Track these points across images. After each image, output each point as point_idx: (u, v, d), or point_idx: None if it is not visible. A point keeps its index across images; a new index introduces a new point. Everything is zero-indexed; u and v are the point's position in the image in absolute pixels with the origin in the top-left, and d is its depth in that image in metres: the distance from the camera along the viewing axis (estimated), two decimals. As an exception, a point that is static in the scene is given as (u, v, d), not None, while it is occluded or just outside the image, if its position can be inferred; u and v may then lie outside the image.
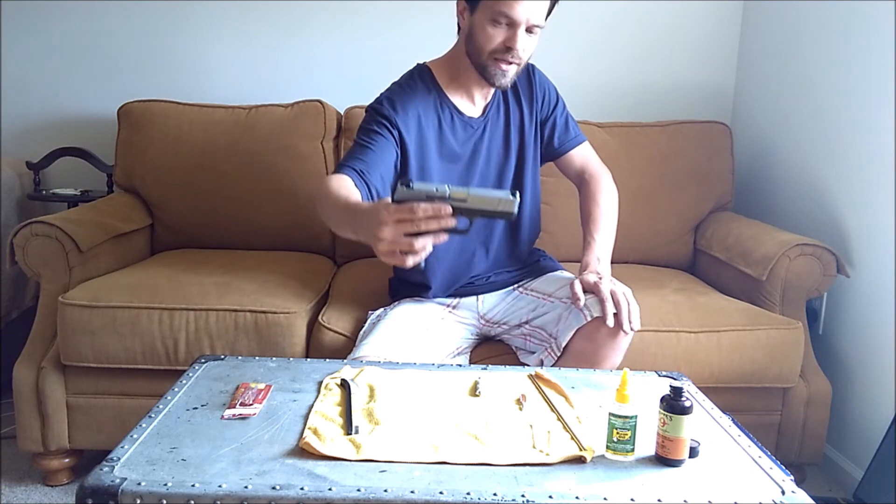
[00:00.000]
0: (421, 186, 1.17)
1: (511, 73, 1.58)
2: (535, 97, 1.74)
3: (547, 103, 1.76)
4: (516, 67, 1.59)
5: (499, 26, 1.54)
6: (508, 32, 1.54)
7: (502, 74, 1.58)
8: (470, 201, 1.17)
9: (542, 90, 1.75)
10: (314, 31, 2.64)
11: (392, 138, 1.58)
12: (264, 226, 2.37)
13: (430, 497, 0.94)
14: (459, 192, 1.17)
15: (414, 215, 1.12)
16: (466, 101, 1.69)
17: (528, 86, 1.74)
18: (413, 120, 1.61)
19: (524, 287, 1.78)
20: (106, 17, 2.60)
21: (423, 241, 1.14)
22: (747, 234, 2.16)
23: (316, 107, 2.42)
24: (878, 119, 1.93)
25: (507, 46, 1.54)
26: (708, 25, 2.67)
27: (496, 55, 1.56)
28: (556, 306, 1.65)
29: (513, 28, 1.53)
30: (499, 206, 1.18)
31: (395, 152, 1.58)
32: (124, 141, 2.39)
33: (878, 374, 1.92)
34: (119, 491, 0.93)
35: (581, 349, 1.54)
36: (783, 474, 1.05)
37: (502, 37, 1.54)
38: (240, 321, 1.82)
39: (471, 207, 1.18)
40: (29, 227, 1.89)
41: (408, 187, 1.17)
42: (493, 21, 1.54)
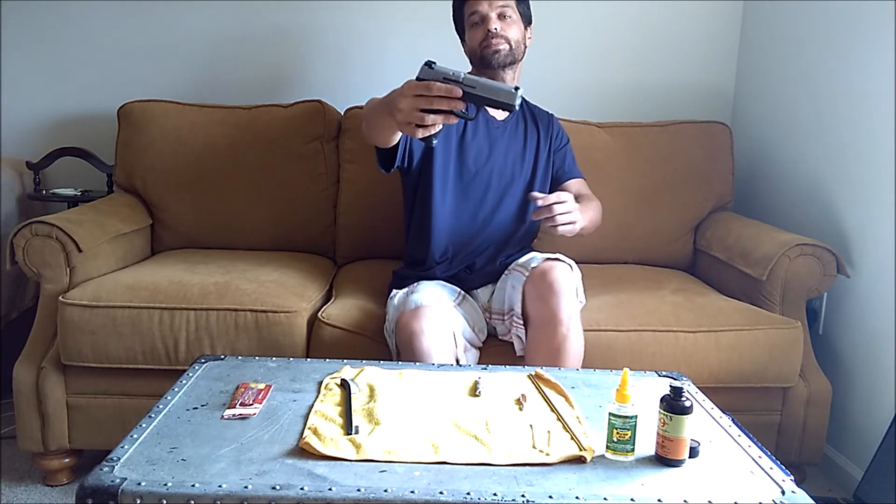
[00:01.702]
0: (440, 68, 1.33)
1: (502, 48, 1.84)
2: (552, 132, 2.01)
3: (558, 140, 2.03)
4: (507, 46, 1.85)
5: (476, 26, 1.87)
6: (484, 25, 1.86)
7: (495, 52, 1.84)
8: (478, 88, 1.31)
9: (556, 130, 2.04)
10: (314, 31, 2.64)
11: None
12: (264, 226, 2.36)
13: (430, 497, 0.94)
14: (471, 78, 1.31)
15: (429, 91, 1.30)
16: None
17: (547, 123, 2.01)
18: None
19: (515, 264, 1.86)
20: (106, 17, 2.60)
21: (433, 117, 1.32)
22: (747, 234, 2.16)
23: (316, 107, 2.42)
24: (878, 119, 1.93)
25: (486, 33, 1.85)
26: (708, 25, 2.67)
27: (483, 44, 1.86)
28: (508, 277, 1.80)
29: (485, 20, 1.86)
30: (501, 97, 1.31)
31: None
32: (124, 141, 2.39)
33: (878, 374, 1.92)
34: (119, 491, 0.93)
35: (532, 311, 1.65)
36: (783, 474, 1.05)
37: (481, 30, 1.87)
38: (240, 321, 1.82)
39: (478, 94, 1.31)
40: (29, 227, 1.89)
41: (430, 67, 1.33)
42: (472, 23, 1.89)
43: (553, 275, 1.64)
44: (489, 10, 1.86)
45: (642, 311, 1.89)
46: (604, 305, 1.89)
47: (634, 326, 1.83)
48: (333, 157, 2.41)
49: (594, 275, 2.13)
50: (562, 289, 1.62)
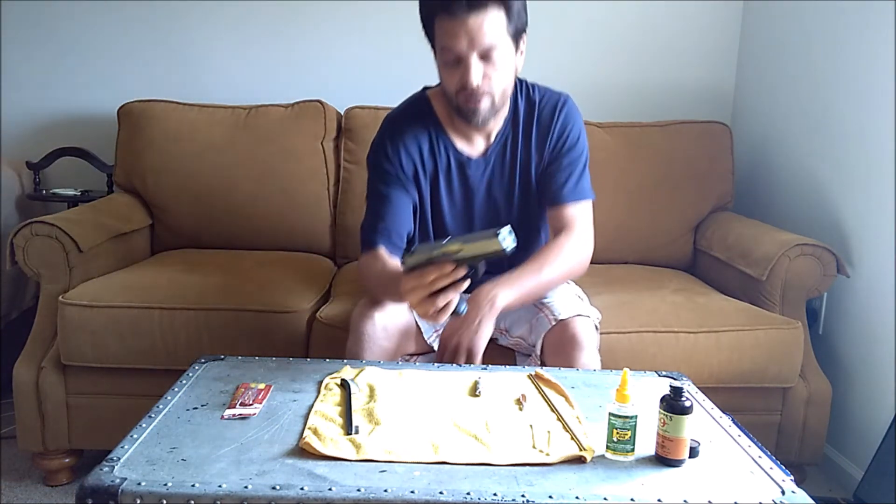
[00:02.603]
0: (421, 250, 1.28)
1: (483, 107, 1.48)
2: (551, 135, 1.60)
3: (560, 145, 1.60)
4: (489, 101, 1.48)
5: (452, 65, 1.46)
6: (461, 67, 1.44)
7: (473, 112, 1.49)
8: (464, 251, 1.25)
9: (561, 129, 1.60)
10: (314, 31, 2.64)
11: (403, 191, 1.58)
12: (264, 226, 2.36)
13: (430, 497, 0.94)
14: (453, 245, 1.25)
15: (423, 281, 1.26)
16: (464, 137, 1.60)
17: (548, 122, 1.60)
18: (412, 167, 1.58)
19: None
20: (106, 16, 2.60)
21: (443, 298, 1.27)
22: (747, 234, 2.16)
23: (316, 107, 2.42)
24: (879, 119, 1.93)
25: (463, 84, 1.45)
26: (708, 25, 2.67)
27: (460, 94, 1.48)
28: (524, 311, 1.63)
29: (463, 62, 1.43)
30: (488, 248, 1.24)
31: (412, 201, 1.59)
32: (124, 141, 2.39)
33: (878, 374, 1.92)
34: (119, 491, 0.93)
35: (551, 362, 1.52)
36: (783, 474, 1.05)
37: (458, 75, 1.45)
38: (240, 321, 1.82)
39: (467, 256, 1.25)
40: (29, 227, 1.89)
41: (410, 254, 1.29)
42: (445, 61, 1.46)
43: (574, 329, 1.51)
44: (469, 49, 1.42)
45: (643, 311, 1.89)
46: (604, 306, 1.88)
47: (635, 327, 1.83)
48: (333, 157, 2.41)
49: (594, 274, 2.12)
50: (582, 343, 1.50)
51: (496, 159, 1.61)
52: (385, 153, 1.57)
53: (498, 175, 1.62)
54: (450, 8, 1.41)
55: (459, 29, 1.40)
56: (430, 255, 1.26)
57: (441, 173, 1.60)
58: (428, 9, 1.47)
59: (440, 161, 1.59)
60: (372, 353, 1.49)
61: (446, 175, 1.60)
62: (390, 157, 1.56)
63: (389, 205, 1.56)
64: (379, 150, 1.59)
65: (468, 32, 1.40)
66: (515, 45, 1.49)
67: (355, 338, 1.50)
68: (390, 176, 1.56)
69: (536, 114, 1.60)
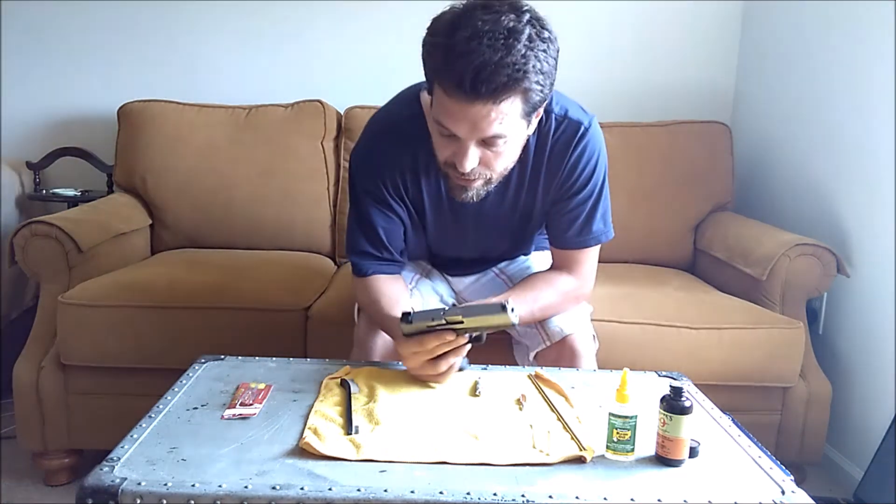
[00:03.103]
0: (420, 318, 1.22)
1: (474, 187, 1.29)
2: (562, 172, 1.39)
3: (570, 184, 1.40)
4: (482, 182, 1.28)
5: (445, 137, 1.23)
6: (455, 146, 1.23)
7: (463, 190, 1.29)
8: (466, 323, 1.20)
9: (573, 167, 1.39)
10: (314, 31, 2.64)
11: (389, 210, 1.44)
12: (264, 226, 2.36)
13: (430, 497, 0.93)
14: (455, 316, 1.20)
15: (424, 348, 1.20)
16: None
17: (561, 156, 1.38)
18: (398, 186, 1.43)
19: (500, 270, 1.69)
20: (106, 17, 2.60)
21: (445, 363, 1.23)
22: (747, 234, 2.16)
23: (316, 107, 2.42)
24: (878, 119, 1.93)
25: (454, 164, 1.24)
26: (708, 25, 2.67)
27: (449, 168, 1.27)
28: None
29: (459, 142, 1.21)
30: (495, 322, 1.21)
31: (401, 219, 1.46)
32: (124, 141, 2.40)
33: (878, 374, 1.92)
34: (119, 491, 0.92)
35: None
36: (783, 474, 1.04)
37: (450, 149, 1.24)
38: (240, 321, 1.82)
39: (469, 328, 1.20)
40: (29, 227, 1.89)
41: (408, 323, 1.23)
42: (439, 131, 1.23)
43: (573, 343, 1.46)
44: (468, 136, 1.19)
45: (646, 304, 1.89)
46: (607, 297, 1.88)
47: (637, 319, 1.82)
48: (333, 157, 2.41)
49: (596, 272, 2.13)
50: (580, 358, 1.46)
51: (494, 195, 1.40)
52: (370, 168, 1.41)
53: (494, 207, 1.45)
54: (455, 87, 1.14)
55: (459, 113, 1.17)
56: (430, 323, 1.21)
57: (429, 196, 1.44)
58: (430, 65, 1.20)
59: (429, 184, 1.43)
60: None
61: (435, 199, 1.44)
62: (376, 174, 1.41)
63: (377, 226, 1.43)
64: (363, 164, 1.43)
65: (470, 120, 1.17)
66: (528, 121, 1.24)
67: (362, 354, 1.49)
68: (376, 194, 1.42)
69: (549, 147, 1.38)
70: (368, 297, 1.45)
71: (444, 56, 1.14)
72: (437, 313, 1.21)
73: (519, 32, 1.12)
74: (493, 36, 1.11)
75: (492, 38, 1.11)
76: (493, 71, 1.11)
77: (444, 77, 1.16)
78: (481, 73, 1.11)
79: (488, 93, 1.13)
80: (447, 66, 1.14)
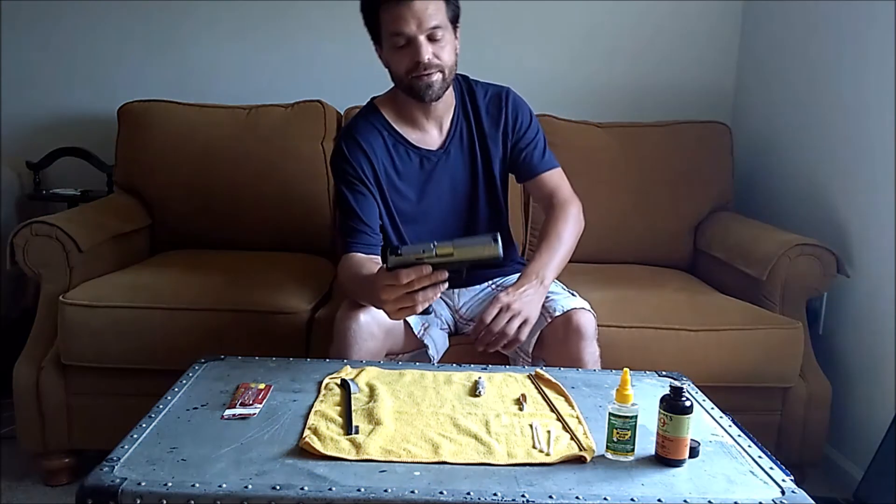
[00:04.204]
0: (409, 250, 1.24)
1: (436, 82, 1.58)
2: (507, 122, 1.71)
3: (519, 128, 1.72)
4: (440, 75, 1.58)
5: (401, 48, 1.56)
6: (411, 49, 1.55)
7: (427, 86, 1.58)
8: (456, 254, 1.24)
9: (513, 115, 1.72)
10: (314, 31, 2.64)
11: (366, 191, 1.63)
12: (264, 226, 2.36)
13: (430, 497, 0.94)
14: (445, 248, 1.23)
15: (399, 281, 1.23)
16: (418, 132, 1.68)
17: (498, 111, 1.71)
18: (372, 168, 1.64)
19: (496, 284, 1.77)
20: (106, 17, 2.60)
21: (423, 299, 1.25)
22: (747, 234, 2.16)
23: (316, 107, 2.42)
24: (878, 119, 1.93)
25: (416, 61, 1.55)
26: (708, 25, 2.67)
27: (412, 73, 1.57)
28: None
29: (412, 43, 1.54)
30: (484, 253, 1.24)
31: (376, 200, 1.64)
32: (124, 141, 2.39)
33: (878, 374, 1.92)
34: (119, 491, 0.93)
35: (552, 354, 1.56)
36: (783, 474, 1.05)
37: (408, 56, 1.56)
38: (240, 321, 1.82)
39: (458, 260, 1.24)
40: (29, 227, 1.89)
41: (396, 255, 1.24)
42: (394, 45, 1.57)
43: (578, 320, 1.55)
44: (417, 31, 1.53)
45: (644, 307, 1.89)
46: (605, 301, 1.88)
47: (636, 323, 1.83)
48: (333, 157, 2.40)
49: (595, 273, 2.13)
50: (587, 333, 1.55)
51: (455, 151, 1.69)
52: (344, 157, 1.63)
53: (460, 166, 1.69)
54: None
55: (406, 12, 1.52)
56: (419, 254, 1.23)
57: (401, 170, 1.66)
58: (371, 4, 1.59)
59: (397, 158, 1.66)
60: (357, 355, 1.48)
61: (407, 171, 1.66)
62: (349, 161, 1.63)
63: (357, 206, 1.60)
64: (338, 155, 1.65)
65: (415, 15, 1.52)
66: (454, 28, 1.60)
67: (340, 339, 1.50)
68: (352, 178, 1.62)
69: (484, 105, 1.71)
70: (350, 269, 1.55)
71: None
72: (426, 245, 1.24)
73: None
74: None
75: None
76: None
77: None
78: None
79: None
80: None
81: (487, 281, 1.78)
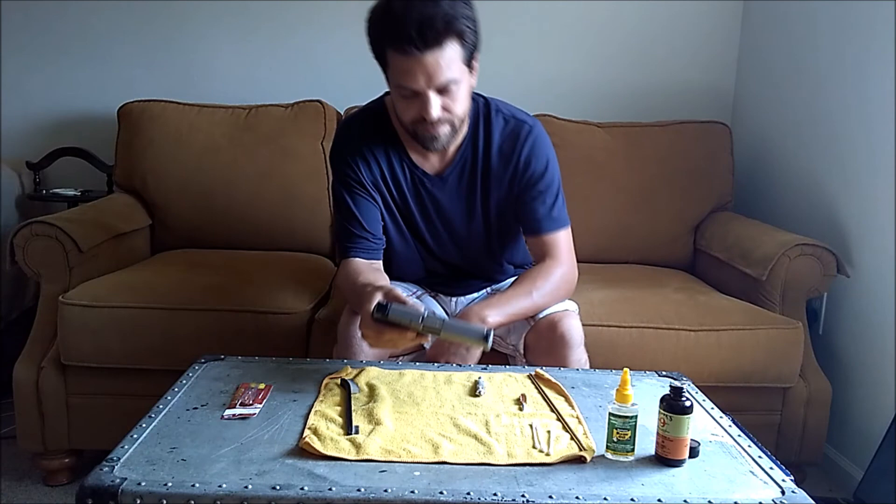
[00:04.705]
0: (396, 314, 1.21)
1: (443, 134, 1.45)
2: (517, 166, 1.55)
3: (529, 176, 1.55)
4: (449, 127, 1.44)
5: (407, 98, 1.41)
6: (418, 101, 1.40)
7: (433, 138, 1.45)
8: (443, 334, 1.21)
9: (525, 160, 1.54)
10: (314, 31, 2.64)
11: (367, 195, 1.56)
12: (264, 226, 2.36)
13: (430, 497, 0.94)
14: (434, 323, 1.20)
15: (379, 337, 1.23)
16: (419, 155, 1.56)
17: (511, 150, 1.55)
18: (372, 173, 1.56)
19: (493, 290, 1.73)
20: (105, 16, 2.60)
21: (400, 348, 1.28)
22: (747, 234, 2.16)
23: (316, 107, 2.42)
24: (878, 119, 1.93)
25: (423, 116, 1.41)
26: (708, 25, 2.67)
27: (417, 125, 1.44)
28: None
29: (420, 97, 1.38)
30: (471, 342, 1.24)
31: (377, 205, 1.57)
32: (124, 141, 2.40)
33: (878, 374, 1.92)
34: (119, 491, 0.93)
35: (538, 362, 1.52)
36: (783, 474, 1.05)
37: (415, 107, 1.41)
38: (240, 321, 1.82)
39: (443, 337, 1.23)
40: (29, 227, 1.89)
41: (383, 314, 1.21)
42: (400, 94, 1.42)
43: (564, 326, 1.51)
44: (427, 86, 1.36)
45: (644, 308, 1.89)
46: (606, 301, 1.88)
47: (636, 323, 1.83)
48: (333, 157, 2.41)
49: (595, 273, 2.13)
50: (573, 341, 1.50)
51: (454, 180, 1.57)
52: (343, 159, 1.55)
53: (454, 196, 1.58)
54: (402, 46, 1.33)
55: (416, 67, 1.35)
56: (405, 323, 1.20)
57: (398, 185, 1.56)
58: (377, 38, 1.41)
59: (397, 172, 1.56)
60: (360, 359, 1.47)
61: (403, 187, 1.57)
62: (349, 163, 1.54)
63: (357, 210, 1.54)
64: (336, 156, 1.58)
65: (425, 70, 1.35)
66: (470, 69, 1.43)
67: (343, 344, 1.50)
68: (352, 181, 1.54)
69: (499, 139, 1.55)
70: (347, 276, 1.49)
71: (388, 23, 1.36)
72: (415, 316, 1.20)
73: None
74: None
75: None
76: (431, 21, 1.32)
77: (394, 40, 1.35)
78: (423, 25, 1.32)
79: (433, 40, 1.33)
80: (394, 30, 1.34)
81: (484, 289, 1.74)
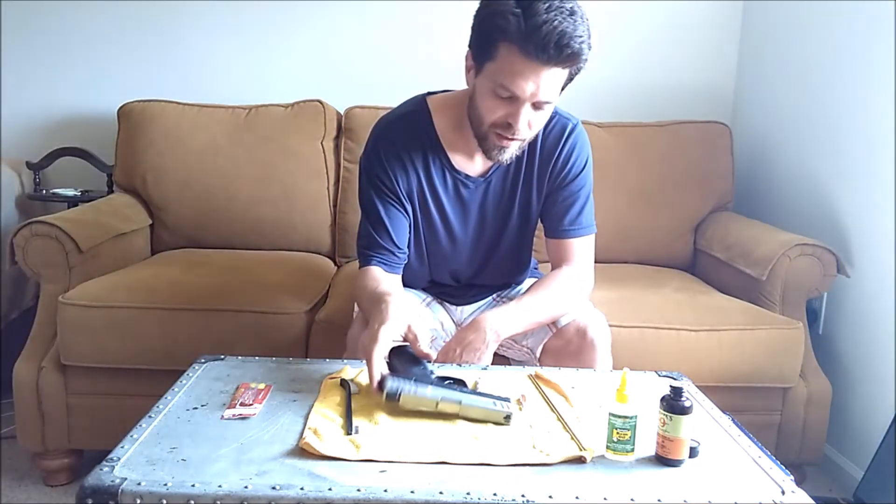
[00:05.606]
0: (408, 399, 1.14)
1: (512, 149, 1.40)
2: (554, 163, 1.50)
3: (566, 174, 1.51)
4: (519, 143, 1.40)
5: (502, 99, 1.33)
6: (511, 107, 1.33)
7: (501, 150, 1.39)
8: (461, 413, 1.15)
9: (566, 159, 1.50)
10: (314, 31, 2.64)
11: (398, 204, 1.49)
12: (264, 226, 2.36)
13: (430, 497, 0.93)
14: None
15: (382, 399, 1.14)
16: (464, 154, 1.50)
17: (554, 145, 1.50)
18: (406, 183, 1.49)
19: (499, 296, 1.70)
20: (106, 16, 2.60)
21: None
22: (747, 234, 2.16)
23: (316, 107, 2.42)
24: (879, 119, 1.93)
25: (509, 122, 1.34)
26: (708, 25, 2.67)
27: (497, 129, 1.36)
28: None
29: (516, 103, 1.32)
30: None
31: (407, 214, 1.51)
32: (124, 141, 2.40)
33: (878, 374, 1.92)
34: (119, 491, 0.92)
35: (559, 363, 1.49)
36: (783, 474, 1.04)
37: (504, 111, 1.34)
38: (240, 322, 1.82)
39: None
40: (29, 227, 1.89)
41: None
42: (495, 92, 1.32)
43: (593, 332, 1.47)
44: (530, 97, 1.30)
45: (644, 307, 1.89)
46: (606, 301, 1.88)
47: (637, 323, 1.83)
48: (333, 157, 2.41)
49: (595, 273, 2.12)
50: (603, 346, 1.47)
51: (497, 182, 1.52)
52: (380, 164, 1.48)
53: (496, 198, 1.54)
54: (530, 50, 1.25)
55: (531, 75, 1.28)
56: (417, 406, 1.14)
57: (435, 191, 1.50)
58: (499, 28, 1.28)
59: (436, 179, 1.50)
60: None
61: (441, 193, 1.51)
62: (385, 170, 1.47)
63: (387, 219, 1.48)
64: (373, 160, 1.50)
65: (537, 82, 1.29)
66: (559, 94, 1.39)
67: (352, 353, 1.48)
68: (385, 189, 1.48)
69: (541, 138, 1.49)
70: (366, 285, 1.44)
71: (525, 21, 1.25)
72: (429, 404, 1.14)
73: (577, 11, 1.29)
74: (562, 10, 1.26)
75: (562, 12, 1.25)
76: (570, 39, 1.26)
77: (523, 40, 1.25)
78: (562, 39, 1.25)
79: (565, 58, 1.27)
80: (528, 30, 1.24)
81: (491, 296, 1.71)
